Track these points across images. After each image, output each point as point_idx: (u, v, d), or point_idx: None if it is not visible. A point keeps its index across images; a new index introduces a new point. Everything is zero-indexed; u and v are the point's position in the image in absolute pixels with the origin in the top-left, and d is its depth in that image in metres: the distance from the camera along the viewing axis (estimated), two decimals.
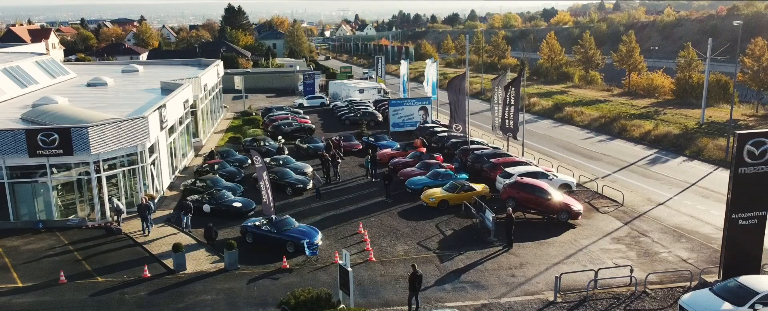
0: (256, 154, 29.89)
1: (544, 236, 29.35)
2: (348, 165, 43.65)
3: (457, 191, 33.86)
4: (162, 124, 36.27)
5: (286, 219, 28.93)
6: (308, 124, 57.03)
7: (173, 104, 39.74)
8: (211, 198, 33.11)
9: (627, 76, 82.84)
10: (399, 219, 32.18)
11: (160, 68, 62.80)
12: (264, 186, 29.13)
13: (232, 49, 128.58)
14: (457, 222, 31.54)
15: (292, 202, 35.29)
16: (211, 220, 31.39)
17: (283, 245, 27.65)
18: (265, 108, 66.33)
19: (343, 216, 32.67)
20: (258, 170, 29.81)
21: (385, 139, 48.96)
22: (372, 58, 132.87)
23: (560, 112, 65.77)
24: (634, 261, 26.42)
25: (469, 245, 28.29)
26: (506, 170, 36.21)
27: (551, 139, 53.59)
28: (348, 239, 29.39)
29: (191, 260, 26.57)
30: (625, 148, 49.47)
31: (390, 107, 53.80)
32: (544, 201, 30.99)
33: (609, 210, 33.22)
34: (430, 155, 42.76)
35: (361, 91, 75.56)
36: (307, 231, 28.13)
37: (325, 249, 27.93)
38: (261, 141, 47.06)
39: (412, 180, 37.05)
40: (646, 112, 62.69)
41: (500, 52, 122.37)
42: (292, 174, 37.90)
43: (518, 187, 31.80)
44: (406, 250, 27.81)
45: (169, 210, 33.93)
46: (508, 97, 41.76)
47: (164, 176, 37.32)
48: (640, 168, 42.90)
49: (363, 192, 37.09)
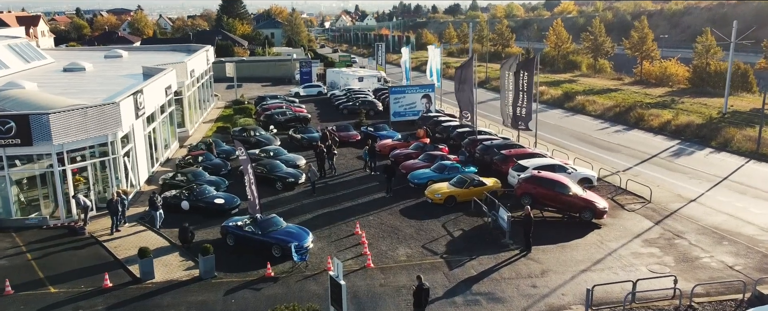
0: (240, 145, 26.28)
1: (566, 238, 25.81)
2: (344, 157, 40.09)
3: (465, 186, 30.30)
4: (138, 112, 32.68)
5: (272, 218, 25.41)
6: (303, 114, 53.45)
7: (152, 90, 36.12)
8: (190, 194, 29.57)
9: (639, 64, 79.07)
10: (401, 217, 28.65)
11: (146, 54, 59.11)
12: (248, 182, 25.55)
13: (228, 38, 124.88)
14: (467, 221, 28.00)
15: (282, 198, 31.76)
16: (191, 219, 27.95)
17: (268, 248, 24.14)
18: (258, 96, 62.67)
19: (339, 215, 29.14)
20: (242, 163, 26.23)
21: (385, 129, 45.38)
22: (372, 47, 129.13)
23: (571, 101, 62.18)
24: (672, 267, 22.89)
25: (481, 248, 24.76)
26: (520, 163, 32.64)
27: (563, 129, 50.00)
28: (343, 241, 25.86)
29: (161, 266, 23.04)
30: (644, 139, 45.86)
31: (390, 95, 50.16)
32: (565, 198, 27.42)
33: (636, 208, 29.67)
34: (434, 146, 39.18)
35: (360, 79, 71.91)
36: (295, 232, 24.60)
37: (316, 253, 24.41)
38: (251, 131, 43.45)
39: (416, 173, 33.50)
40: (662, 101, 59.04)
41: (504, 41, 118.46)
42: (283, 167, 34.34)
43: (535, 182, 28.22)
44: (409, 254, 24.28)
45: (145, 207, 30.36)
46: (520, 82, 38.12)
47: (142, 169, 33.75)
48: (664, 160, 39.31)
49: (361, 187, 33.55)
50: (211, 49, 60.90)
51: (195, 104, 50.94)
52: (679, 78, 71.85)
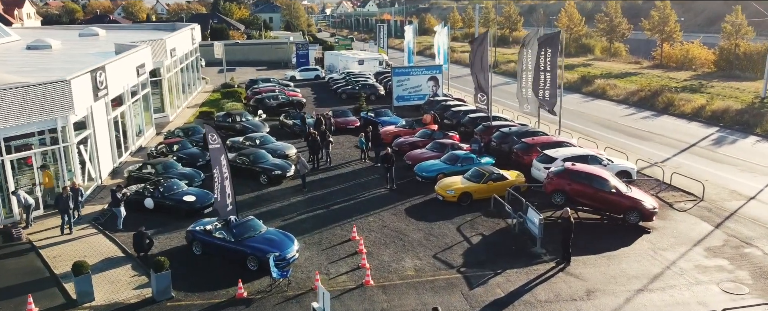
0: (212, 131, 21.40)
1: (611, 245, 21.03)
2: (342, 145, 35.27)
3: (483, 180, 25.48)
4: (97, 92, 27.85)
5: (248, 222, 20.66)
6: (298, 98, 48.57)
7: (118, 68, 31.29)
8: (155, 190, 24.80)
9: (658, 47, 73.92)
10: (406, 219, 23.87)
11: (124, 32, 54.18)
12: (219, 177, 20.74)
13: (223, 21, 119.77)
14: (486, 223, 23.21)
15: (267, 195, 26.99)
16: (155, 220, 23.28)
17: (242, 259, 19.41)
18: (250, 80, 57.74)
19: (332, 215, 24.37)
20: (212, 153, 21.38)
21: (387, 115, 40.51)
22: (373, 33, 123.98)
23: (589, 86, 57.21)
24: (750, 285, 18.14)
25: (508, 259, 20.00)
26: (545, 153, 27.81)
27: (584, 115, 45.10)
28: (336, 250, 21.08)
29: (106, 283, 18.32)
30: (677, 126, 40.97)
31: (393, 77, 45.22)
32: (606, 197, 22.58)
33: (687, 207, 24.87)
34: (443, 133, 34.34)
35: (360, 62, 66.96)
36: (277, 239, 19.84)
37: (302, 265, 19.66)
38: (236, 116, 38.60)
39: (423, 165, 28.70)
40: (689, 86, 54.04)
41: (512, 24, 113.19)
42: (269, 158, 29.53)
43: (569, 177, 23.34)
44: (418, 268, 19.52)
45: (105, 205, 25.64)
46: (542, 61, 33.19)
47: (104, 160, 28.97)
48: (705, 150, 34.45)
49: (359, 181, 28.77)
50: (198, 27, 55.86)
51: (177, 87, 46.05)
52: (703, 61, 66.89)
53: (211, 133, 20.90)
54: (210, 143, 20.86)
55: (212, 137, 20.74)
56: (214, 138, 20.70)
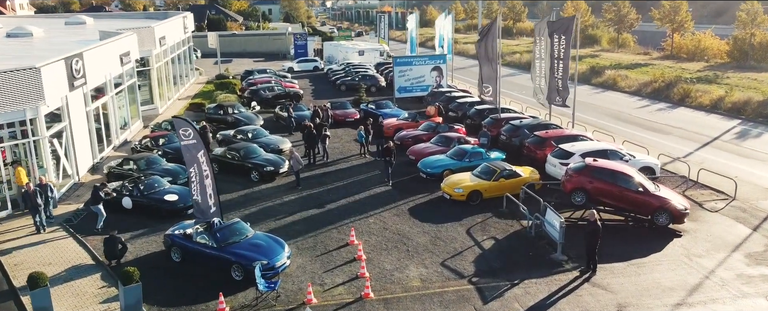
0: (186, 125, 18.94)
1: (639, 251, 18.79)
2: (340, 139, 33.04)
3: (494, 178, 23.23)
4: (74, 81, 25.60)
5: (233, 225, 18.44)
6: (295, 89, 46.28)
7: (99, 56, 29.05)
8: (134, 187, 22.57)
9: (669, 37, 71.49)
10: (410, 220, 21.64)
11: (114, 21, 51.86)
12: (196, 174, 18.47)
13: (221, 12, 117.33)
14: (499, 226, 20.99)
15: (257, 193, 24.76)
16: (135, 221, 21.13)
17: (226, 268, 17.20)
18: (245, 71, 55.43)
19: (329, 216, 22.13)
20: (186, 150, 18.90)
21: (389, 107, 38.22)
22: (374, 25, 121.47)
23: (599, 77, 54.83)
24: None
25: (525, 267, 17.78)
26: (561, 147, 25.55)
27: (596, 107, 42.77)
28: (333, 256, 18.85)
29: (70, 296, 16.13)
30: (695, 118, 38.67)
31: (395, 67, 42.95)
32: (633, 196, 20.30)
33: (718, 207, 22.63)
34: (448, 126, 32.08)
35: (360, 53, 64.58)
36: (265, 245, 17.60)
37: (294, 274, 17.44)
38: (228, 108, 36.31)
39: (428, 161, 26.44)
40: (704, 77, 51.66)
41: (516, 15, 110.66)
42: (261, 153, 27.27)
43: (591, 174, 21.05)
44: (424, 277, 17.30)
45: (81, 204, 23.46)
46: (557, 48, 30.89)
47: (82, 154, 26.73)
48: (728, 143, 32.18)
49: (359, 178, 26.53)
50: (190, 15, 53.50)
51: (167, 78, 43.75)
52: (716, 51, 64.53)
53: (183, 127, 18.54)
54: (182, 139, 18.53)
55: (185, 132, 18.42)
56: (187, 133, 18.39)
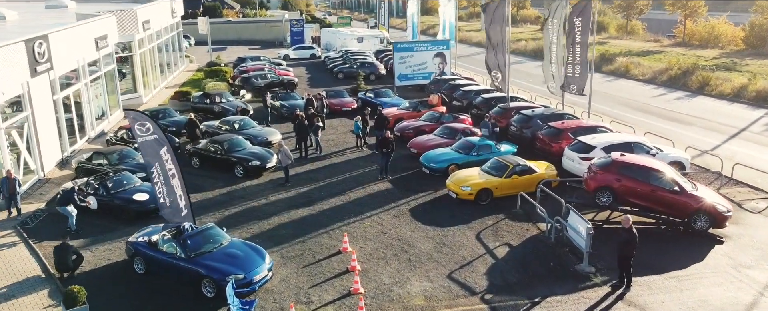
0: (143, 118, 16.20)
1: (677, 262, 16.23)
2: (336, 130, 30.45)
3: (507, 174, 20.63)
4: (36, 66, 22.96)
5: (206, 231, 15.85)
6: (290, 77, 43.63)
7: (69, 39, 26.42)
8: (101, 185, 19.99)
9: (681, 24, 68.68)
10: (412, 222, 19.06)
11: (98, 5, 48.83)
12: (159, 174, 15.88)
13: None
14: (512, 229, 18.42)
15: (242, 191, 22.17)
16: (100, 223, 18.61)
17: (196, 282, 14.66)
18: (238, 58, 52.76)
19: (319, 218, 19.55)
20: (144, 147, 16.29)
21: (388, 95, 35.57)
22: (374, 13, 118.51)
23: (610, 64, 52.12)
24: None
25: (545, 281, 15.23)
26: (581, 140, 22.93)
27: (610, 95, 40.08)
28: (322, 266, 16.28)
29: None
30: (718, 107, 36.02)
31: (395, 53, 40.28)
32: (668, 197, 17.67)
33: (760, 207, 20.06)
34: (453, 116, 29.48)
35: (359, 39, 61.86)
36: (242, 256, 15.02)
37: (276, 288, 14.89)
38: (215, 96, 33.68)
39: (431, 155, 23.83)
40: (721, 64, 48.96)
41: (519, 2, 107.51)
42: (246, 146, 24.63)
43: (619, 171, 18.43)
44: (428, 293, 14.75)
45: (42, 203, 20.91)
46: (573, 33, 28.19)
47: (49, 147, 24.13)
48: (758, 135, 29.57)
49: (354, 174, 23.92)
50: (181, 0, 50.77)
51: (152, 65, 41.05)
52: (731, 38, 61.80)
53: (140, 121, 15.88)
54: (139, 135, 15.90)
55: (142, 127, 15.78)
56: (145, 127, 15.75)
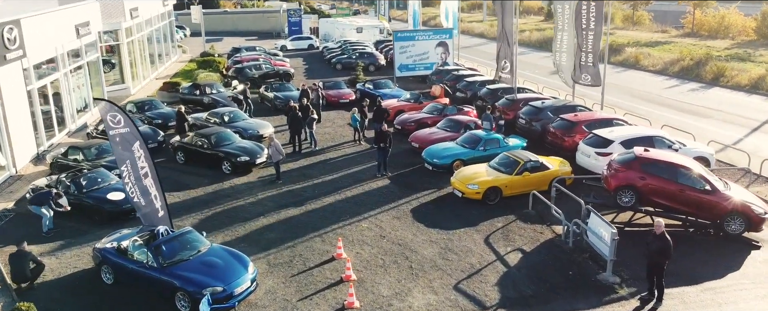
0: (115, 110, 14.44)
1: (711, 270, 14.48)
2: (332, 123, 28.70)
3: (517, 171, 18.88)
4: (5, 54, 21.21)
5: (182, 236, 14.10)
6: (285, 68, 41.85)
7: (45, 25, 24.74)
8: (72, 183, 18.25)
9: (690, 14, 66.83)
10: (413, 224, 17.31)
11: None
12: (130, 173, 14.15)
13: None
14: (524, 232, 16.67)
15: (229, 189, 20.42)
16: (70, 225, 16.92)
17: (169, 295, 12.94)
18: (233, 48, 50.97)
19: (312, 219, 17.81)
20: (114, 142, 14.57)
21: (388, 87, 33.79)
22: (374, 4, 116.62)
23: (618, 55, 50.24)
24: None
25: (564, 292, 13.50)
26: (597, 133, 21.16)
27: (620, 87, 38.21)
28: (313, 275, 14.55)
29: None
30: (735, 99, 34.24)
31: (395, 42, 38.49)
32: (698, 197, 15.90)
33: None
34: (456, 108, 27.73)
35: (358, 30, 60.06)
36: (222, 265, 13.28)
37: (260, 301, 13.17)
38: (205, 87, 31.92)
39: (434, 149, 22.07)
40: (734, 54, 47.17)
41: None
42: (235, 140, 22.86)
43: (642, 168, 16.64)
44: (432, 307, 13.02)
45: (10, 203, 19.21)
46: (585, 20, 26.36)
47: (22, 142, 22.41)
48: None
49: (351, 171, 22.17)
50: None
51: (142, 55, 39.25)
52: (742, 28, 60.05)
53: (111, 112, 14.12)
54: (111, 127, 14.15)
55: (113, 119, 14.03)
56: (116, 119, 14.00)
